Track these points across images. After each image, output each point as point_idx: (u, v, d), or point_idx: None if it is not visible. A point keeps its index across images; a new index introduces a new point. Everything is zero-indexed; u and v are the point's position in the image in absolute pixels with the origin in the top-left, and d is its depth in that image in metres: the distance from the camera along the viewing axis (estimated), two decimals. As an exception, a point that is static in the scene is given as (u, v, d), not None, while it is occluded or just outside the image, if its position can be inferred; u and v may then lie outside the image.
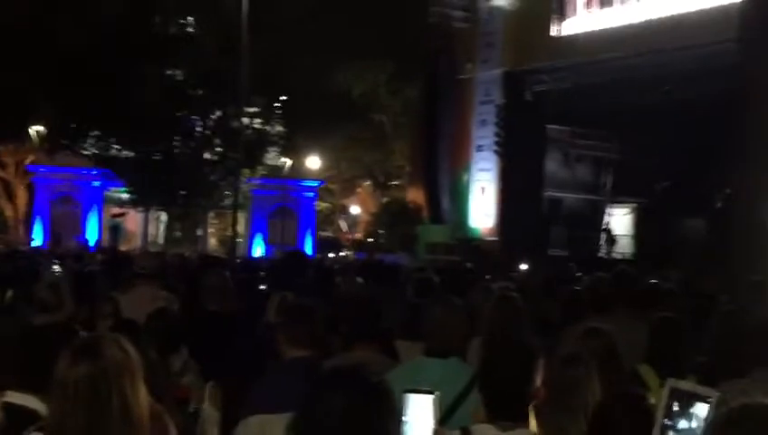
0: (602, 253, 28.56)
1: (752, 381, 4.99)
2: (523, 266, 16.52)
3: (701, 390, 2.82)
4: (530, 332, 5.85)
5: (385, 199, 41.91)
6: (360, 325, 5.40)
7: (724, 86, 15.50)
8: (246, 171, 34.08)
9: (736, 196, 14.49)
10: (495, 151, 28.22)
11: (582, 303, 6.98)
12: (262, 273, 11.08)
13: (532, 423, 3.86)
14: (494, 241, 27.66)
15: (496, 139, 28.21)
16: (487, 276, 11.41)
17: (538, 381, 3.95)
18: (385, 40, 39.13)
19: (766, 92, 13.25)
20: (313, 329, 4.82)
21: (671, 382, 2.85)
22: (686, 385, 2.87)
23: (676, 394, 2.81)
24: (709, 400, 2.75)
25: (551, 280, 9.91)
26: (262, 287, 9.20)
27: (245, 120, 32.44)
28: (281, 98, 37.18)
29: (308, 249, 34.24)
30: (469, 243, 27.81)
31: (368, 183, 46.86)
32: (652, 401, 3.15)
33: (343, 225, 47.24)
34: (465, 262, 20.51)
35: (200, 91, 33.56)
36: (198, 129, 34.57)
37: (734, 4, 14.90)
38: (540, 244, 26.34)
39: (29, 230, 35.62)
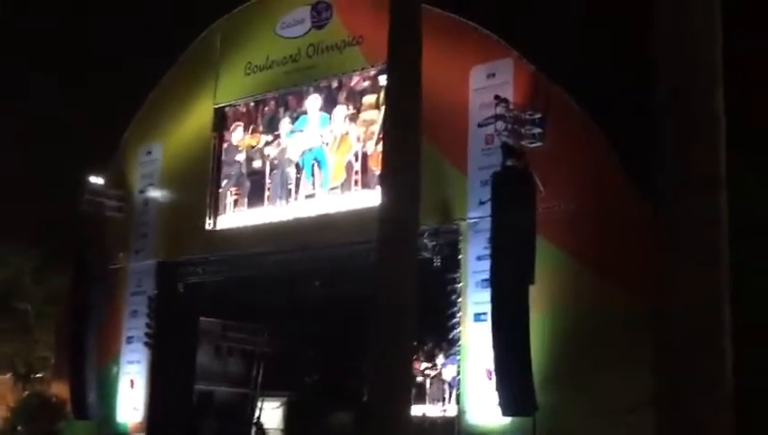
0: (253, 447, 28.33)
1: None
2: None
3: None
4: None
5: (26, 393, 39.30)
6: None
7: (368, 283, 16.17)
8: None
9: (374, 394, 14.89)
10: (146, 343, 27.51)
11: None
12: None
13: None
14: (142, 436, 26.63)
15: (147, 330, 27.56)
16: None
17: None
18: (33, 225, 37.70)
19: (392, 296, 13.97)
20: None
21: None
22: None
23: None
24: None
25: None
26: None
27: None
28: None
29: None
30: (116, 439, 26.61)
31: (8, 375, 43.90)
32: None
33: (-23, 421, 43.61)
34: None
35: None
36: None
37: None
38: (190, 438, 25.72)
39: None
